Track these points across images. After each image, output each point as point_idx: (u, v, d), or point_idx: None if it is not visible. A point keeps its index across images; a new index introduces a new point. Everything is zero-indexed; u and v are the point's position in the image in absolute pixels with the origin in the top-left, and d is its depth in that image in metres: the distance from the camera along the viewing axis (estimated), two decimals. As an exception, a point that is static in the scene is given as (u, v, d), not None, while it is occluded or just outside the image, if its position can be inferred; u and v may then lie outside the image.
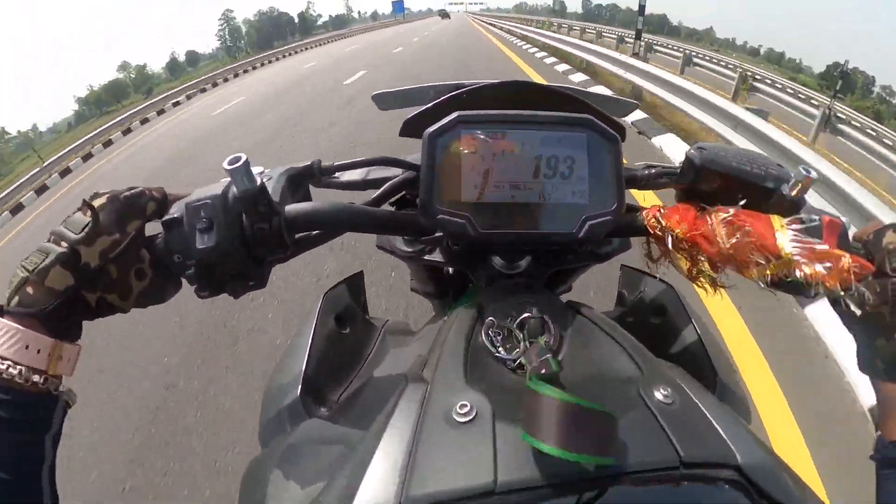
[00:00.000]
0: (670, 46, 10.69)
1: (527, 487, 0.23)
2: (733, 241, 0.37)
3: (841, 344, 1.77)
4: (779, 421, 1.56)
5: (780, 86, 7.76)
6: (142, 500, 1.60)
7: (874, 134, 5.99)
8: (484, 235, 0.40)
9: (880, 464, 0.38)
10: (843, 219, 0.45)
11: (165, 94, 17.94)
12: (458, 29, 26.13)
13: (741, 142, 3.50)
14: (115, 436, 1.88)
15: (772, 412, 1.59)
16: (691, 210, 0.41)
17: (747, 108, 4.27)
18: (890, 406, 0.39)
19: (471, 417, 0.27)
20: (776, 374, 1.72)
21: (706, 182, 0.43)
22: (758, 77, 7.92)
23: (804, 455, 1.44)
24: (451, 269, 0.67)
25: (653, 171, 0.49)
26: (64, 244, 0.34)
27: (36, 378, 0.32)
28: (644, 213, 0.43)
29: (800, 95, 7.35)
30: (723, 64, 8.89)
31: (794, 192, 0.41)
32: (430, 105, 0.45)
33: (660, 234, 0.41)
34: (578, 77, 6.95)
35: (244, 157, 0.36)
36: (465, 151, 0.40)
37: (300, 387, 0.46)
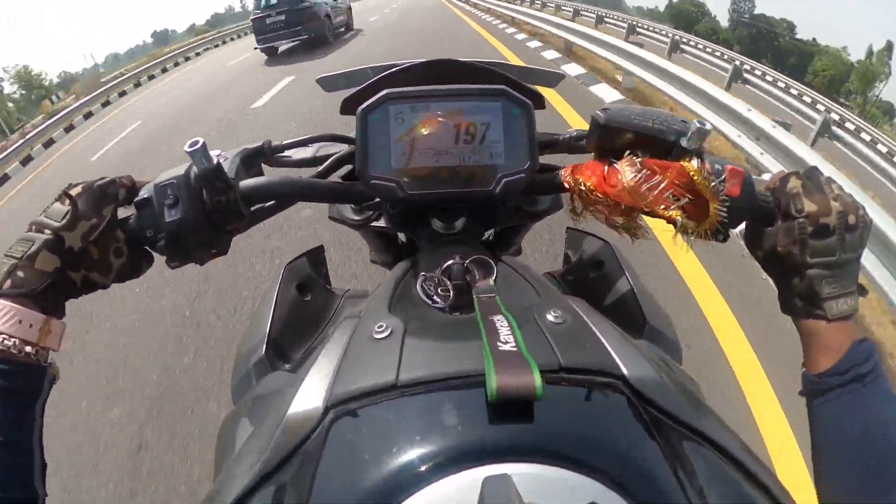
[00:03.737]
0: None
1: (421, 382, 0.29)
2: (635, 183, 0.42)
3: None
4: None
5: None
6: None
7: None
8: (412, 196, 0.45)
9: (808, 398, 0.41)
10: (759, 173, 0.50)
11: None
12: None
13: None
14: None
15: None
16: (601, 165, 0.46)
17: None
18: (810, 342, 0.42)
19: (386, 334, 0.33)
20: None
21: (613, 140, 0.47)
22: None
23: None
24: (402, 238, 0.72)
25: (572, 134, 0.54)
26: (48, 231, 0.39)
27: (28, 349, 0.36)
28: (561, 171, 0.48)
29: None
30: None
31: (693, 144, 0.45)
32: (364, 85, 0.50)
33: (576, 189, 0.47)
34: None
35: (202, 141, 0.41)
36: (393, 124, 0.45)
37: (265, 345, 0.51)
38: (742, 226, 0.48)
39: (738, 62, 5.42)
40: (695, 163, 0.42)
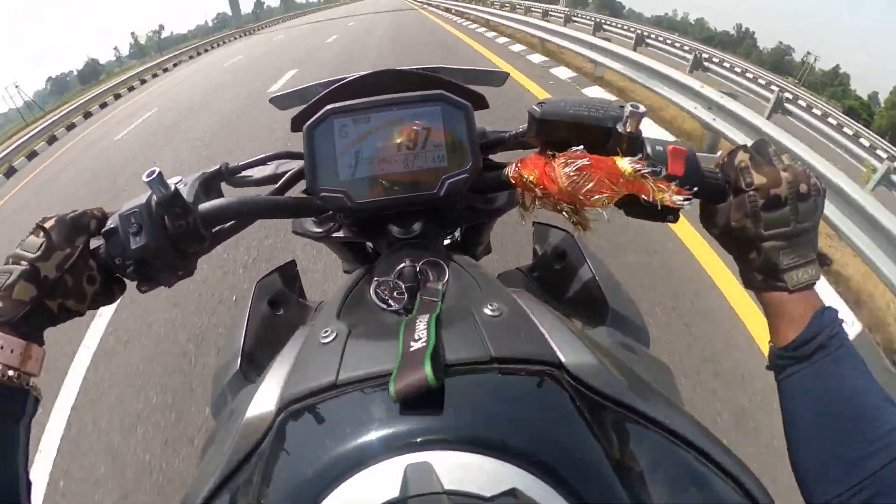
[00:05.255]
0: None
1: (357, 381, 0.31)
2: (571, 180, 0.43)
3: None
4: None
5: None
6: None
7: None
8: (359, 205, 0.47)
9: (776, 371, 0.41)
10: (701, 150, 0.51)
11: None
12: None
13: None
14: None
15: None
16: (542, 158, 0.47)
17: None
18: (774, 315, 0.42)
19: (331, 339, 0.35)
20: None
21: (552, 133, 0.48)
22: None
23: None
24: (370, 245, 0.74)
25: (518, 131, 0.56)
26: (24, 262, 0.41)
27: (11, 373, 0.39)
28: (508, 167, 0.50)
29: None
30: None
31: (628, 128, 0.45)
32: (311, 102, 0.52)
33: (521, 183, 0.48)
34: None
35: (158, 170, 0.43)
36: (338, 137, 0.47)
37: (239, 361, 0.53)
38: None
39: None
40: (627, 161, 0.42)
